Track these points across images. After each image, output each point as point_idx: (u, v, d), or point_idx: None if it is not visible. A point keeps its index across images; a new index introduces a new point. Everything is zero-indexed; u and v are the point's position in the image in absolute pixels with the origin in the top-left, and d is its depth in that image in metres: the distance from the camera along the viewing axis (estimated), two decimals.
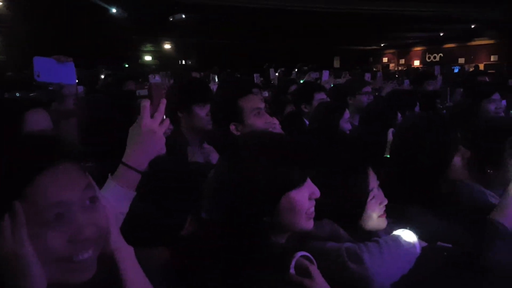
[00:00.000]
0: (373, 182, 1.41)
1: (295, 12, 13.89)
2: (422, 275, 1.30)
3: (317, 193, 1.21)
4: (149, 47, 20.42)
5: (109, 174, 1.28)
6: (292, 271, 1.15)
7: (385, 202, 1.42)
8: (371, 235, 1.44)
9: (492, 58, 17.35)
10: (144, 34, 17.59)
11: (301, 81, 6.62)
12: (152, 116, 1.29)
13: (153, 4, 13.46)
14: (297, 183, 1.17)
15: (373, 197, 1.39)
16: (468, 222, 1.51)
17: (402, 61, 20.79)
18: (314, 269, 1.16)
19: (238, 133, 1.98)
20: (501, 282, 1.38)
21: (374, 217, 1.40)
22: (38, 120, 1.49)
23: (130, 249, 0.92)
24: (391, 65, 20.72)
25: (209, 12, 13.94)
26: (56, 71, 1.63)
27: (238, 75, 12.25)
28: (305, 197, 1.18)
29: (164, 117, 1.34)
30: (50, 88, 1.71)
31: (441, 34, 18.50)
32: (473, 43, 18.03)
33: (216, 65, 14.72)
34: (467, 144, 1.81)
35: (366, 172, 1.38)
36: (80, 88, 5.72)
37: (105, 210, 0.89)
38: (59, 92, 1.69)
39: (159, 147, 1.31)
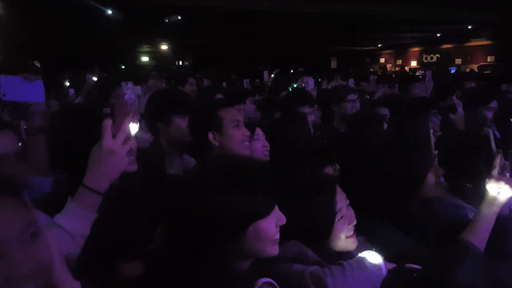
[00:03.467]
0: (342, 201, 1.38)
1: (292, 13, 13.90)
2: None
3: (283, 219, 1.20)
4: (146, 48, 20.42)
5: (69, 196, 1.25)
6: None
7: (354, 222, 1.40)
8: (342, 255, 1.41)
9: (489, 58, 17.33)
10: (140, 35, 17.58)
11: (294, 85, 6.59)
12: (114, 136, 1.26)
13: (148, 6, 13.46)
14: (265, 213, 1.15)
15: (341, 217, 1.36)
16: (440, 241, 1.49)
17: (399, 61, 20.78)
18: None
19: (216, 143, 1.99)
20: None
21: (342, 237, 1.38)
22: (4, 143, 1.46)
23: (76, 284, 0.90)
24: (388, 66, 20.69)
25: (204, 14, 13.95)
26: (23, 90, 1.60)
27: (234, 77, 12.23)
28: (272, 225, 1.17)
29: (133, 131, 1.33)
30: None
31: (438, 35, 18.48)
32: (470, 43, 18.01)
33: (213, 66, 14.71)
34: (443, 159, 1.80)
35: (333, 192, 1.36)
36: (71, 91, 5.70)
37: (48, 245, 0.87)
38: (26, 110, 1.66)
39: (121, 168, 1.28)
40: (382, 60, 21.89)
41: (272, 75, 10.39)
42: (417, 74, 11.89)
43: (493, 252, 1.56)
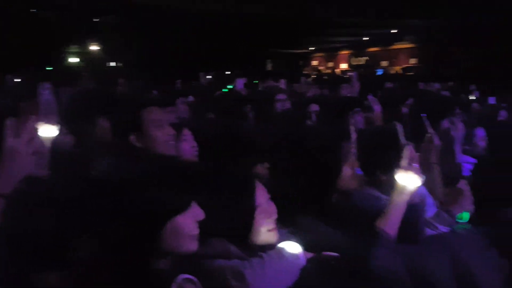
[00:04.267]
0: (262, 196, 1.41)
1: (228, 16, 13.99)
2: (308, 285, 1.34)
3: (201, 215, 1.20)
4: (75, 48, 19.50)
5: None
6: None
7: (275, 216, 1.44)
8: (265, 248, 1.45)
9: (412, 61, 18.51)
10: (69, 35, 16.77)
11: (229, 86, 6.63)
12: (18, 135, 1.21)
13: (79, 4, 12.92)
14: (183, 208, 1.15)
15: (262, 212, 1.40)
16: (359, 230, 1.57)
17: (331, 64, 21.60)
18: None
19: (139, 144, 1.96)
20: (381, 285, 1.45)
21: (263, 231, 1.40)
22: None
23: None
24: (321, 68, 21.42)
25: (139, 14, 13.63)
26: None
27: (168, 78, 11.98)
28: (189, 220, 1.17)
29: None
30: None
31: (365, 39, 19.49)
32: (394, 47, 19.14)
33: (147, 67, 14.32)
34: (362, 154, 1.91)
35: (252, 188, 1.39)
36: None
37: None
38: None
39: (25, 169, 1.22)
40: (315, 62, 22.62)
41: (209, 77, 10.35)
42: (347, 75, 12.44)
43: (406, 239, 1.68)
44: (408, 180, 1.56)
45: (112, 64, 19.25)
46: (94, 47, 19.18)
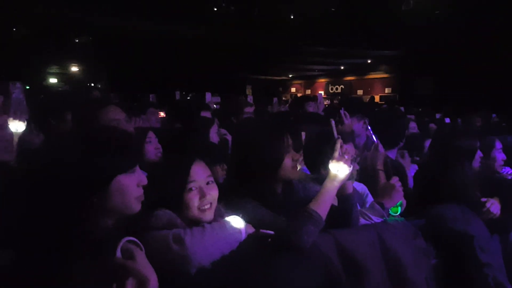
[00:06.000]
0: (199, 176, 1.56)
1: (207, 41, 14.34)
2: (245, 256, 1.49)
3: (144, 180, 1.36)
4: (54, 68, 19.46)
5: None
6: (118, 255, 1.25)
7: (207, 196, 1.56)
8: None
9: (386, 90, 19.16)
10: (47, 55, 16.76)
11: None
12: None
13: (56, 24, 13.05)
14: (125, 169, 1.30)
15: (191, 189, 1.54)
16: (294, 214, 1.74)
17: (309, 91, 22.08)
18: (138, 252, 1.27)
19: None
20: (312, 262, 1.62)
21: (195, 208, 1.54)
22: None
23: None
24: (299, 95, 21.86)
25: (117, 35, 13.85)
26: None
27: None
28: (133, 182, 1.33)
29: None
30: None
31: (342, 68, 20.13)
32: (369, 76, 19.81)
33: (127, 88, 14.39)
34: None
35: (186, 168, 1.55)
36: None
37: None
38: None
39: None
40: (293, 89, 23.12)
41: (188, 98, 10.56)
42: (324, 103, 12.85)
43: (339, 226, 1.86)
44: (339, 170, 1.76)
45: (93, 84, 19.27)
46: (74, 68, 19.22)
